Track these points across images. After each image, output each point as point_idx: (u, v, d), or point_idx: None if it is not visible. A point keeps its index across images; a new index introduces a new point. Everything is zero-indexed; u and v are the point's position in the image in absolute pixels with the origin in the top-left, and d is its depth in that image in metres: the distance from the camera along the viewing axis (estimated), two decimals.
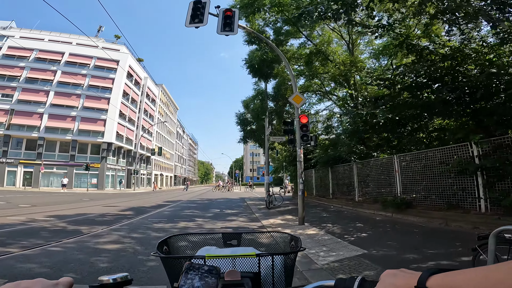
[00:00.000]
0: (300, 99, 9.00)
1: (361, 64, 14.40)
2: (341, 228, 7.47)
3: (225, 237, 1.31)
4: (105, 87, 39.04)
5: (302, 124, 8.58)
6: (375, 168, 10.37)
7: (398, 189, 8.91)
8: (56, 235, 6.37)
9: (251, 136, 17.41)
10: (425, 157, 7.87)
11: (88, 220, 8.79)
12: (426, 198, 7.84)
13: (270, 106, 16.63)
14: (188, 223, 8.70)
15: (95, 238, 6.11)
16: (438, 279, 0.51)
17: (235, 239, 1.30)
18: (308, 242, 5.97)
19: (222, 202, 17.70)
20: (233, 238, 1.31)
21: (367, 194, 10.88)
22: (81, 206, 13.51)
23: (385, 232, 6.84)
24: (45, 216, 9.29)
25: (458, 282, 0.49)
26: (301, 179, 8.41)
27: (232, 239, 1.30)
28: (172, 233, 5.94)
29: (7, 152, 33.48)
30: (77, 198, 19.09)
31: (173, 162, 73.21)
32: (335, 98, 17.98)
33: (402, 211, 8.35)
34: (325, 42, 15.68)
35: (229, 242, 1.29)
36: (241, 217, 10.77)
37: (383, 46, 15.28)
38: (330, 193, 14.29)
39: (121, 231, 7.04)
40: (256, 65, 13.13)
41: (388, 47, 15.01)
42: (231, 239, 1.30)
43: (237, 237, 1.31)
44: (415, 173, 8.30)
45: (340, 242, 5.94)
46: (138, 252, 5.07)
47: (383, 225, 7.80)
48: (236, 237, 1.31)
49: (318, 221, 8.95)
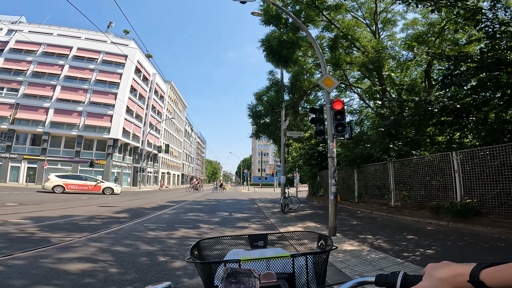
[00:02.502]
0: (331, 82, 7.26)
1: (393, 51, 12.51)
2: (388, 242, 5.70)
3: (251, 239, 1.31)
4: (113, 82, 37.98)
5: (336, 111, 6.83)
6: (421, 168, 8.47)
7: (457, 192, 7.01)
8: (13, 245, 4.78)
9: (264, 130, 15.64)
10: (504, 152, 5.96)
11: (69, 225, 7.19)
12: (503, 204, 5.95)
13: (285, 99, 14.93)
14: (189, 231, 7.01)
15: (60, 252, 4.47)
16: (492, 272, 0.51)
17: (261, 240, 1.30)
18: (353, 263, 4.24)
19: (231, 204, 16.02)
20: (259, 240, 1.30)
21: (408, 198, 8.99)
22: (73, 206, 12.02)
23: (459, 248, 5.04)
24: (21, 218, 7.75)
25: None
26: (334, 179, 6.64)
27: (259, 241, 1.30)
28: (168, 245, 4.21)
29: (11, 147, 32.64)
30: (75, 196, 17.70)
31: (181, 160, 72.09)
32: (360, 90, 16.10)
33: (465, 219, 6.49)
34: (351, 26, 13.84)
35: (256, 243, 1.30)
36: (254, 223, 9.05)
37: (417, 35, 13.30)
38: (355, 196, 12.42)
39: (102, 242, 5.39)
40: (275, 46, 11.37)
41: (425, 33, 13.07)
42: (258, 241, 1.30)
43: (263, 238, 1.31)
44: (485, 174, 6.40)
45: (402, 263, 4.23)
46: (111, 280, 3.40)
47: (445, 236, 5.99)
48: (262, 238, 1.31)
49: (350, 230, 7.18)
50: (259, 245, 1.29)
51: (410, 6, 9.57)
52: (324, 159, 15.64)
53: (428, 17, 13.24)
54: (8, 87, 34.13)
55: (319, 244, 1.26)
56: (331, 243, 1.16)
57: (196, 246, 1.16)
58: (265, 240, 1.30)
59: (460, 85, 5.44)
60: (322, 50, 14.44)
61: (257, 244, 1.29)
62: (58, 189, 20.15)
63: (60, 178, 20.79)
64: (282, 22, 12.33)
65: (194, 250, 1.12)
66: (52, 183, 20.30)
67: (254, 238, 1.31)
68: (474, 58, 6.05)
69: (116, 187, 22.73)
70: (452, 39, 12.11)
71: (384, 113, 9.52)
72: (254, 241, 1.30)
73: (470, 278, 0.52)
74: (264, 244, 1.29)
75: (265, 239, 1.31)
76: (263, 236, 1.31)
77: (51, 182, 20.29)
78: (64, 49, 37.24)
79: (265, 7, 12.41)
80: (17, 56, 34.98)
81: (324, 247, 1.20)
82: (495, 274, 0.50)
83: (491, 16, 6.55)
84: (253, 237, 1.31)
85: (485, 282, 0.51)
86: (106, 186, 22.14)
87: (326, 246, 1.18)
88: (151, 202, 15.53)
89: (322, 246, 1.23)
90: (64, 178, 21.15)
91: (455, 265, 0.57)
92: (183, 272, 3.75)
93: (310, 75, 16.13)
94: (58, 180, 20.55)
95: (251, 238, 1.31)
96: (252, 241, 1.30)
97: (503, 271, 0.50)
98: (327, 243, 1.18)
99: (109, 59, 38.44)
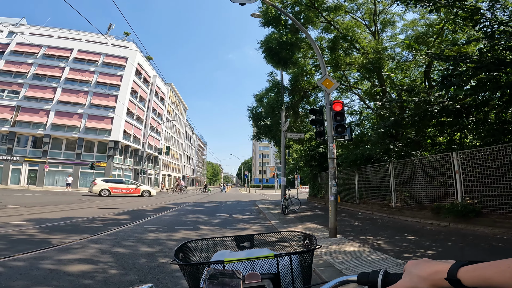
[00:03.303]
0: (331, 83, 7.26)
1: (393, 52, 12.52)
2: (389, 243, 5.68)
3: (238, 240, 1.31)
4: (113, 84, 38.03)
5: (336, 112, 6.83)
6: (421, 169, 8.46)
7: (458, 193, 7.00)
8: (13, 246, 4.79)
9: (265, 132, 15.63)
10: (505, 152, 5.94)
11: (70, 227, 7.19)
12: (504, 204, 5.93)
13: (285, 101, 14.92)
14: (189, 233, 7.01)
15: (60, 254, 4.47)
16: (470, 270, 0.51)
17: (248, 241, 1.31)
18: (354, 264, 4.23)
19: (232, 206, 16.00)
20: (246, 241, 1.31)
21: (409, 199, 8.97)
22: (74, 208, 12.03)
23: (461, 249, 5.03)
24: (21, 220, 7.76)
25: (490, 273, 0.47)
26: (334, 180, 6.64)
27: (245, 241, 1.31)
28: (168, 246, 4.21)
29: (12, 150, 32.69)
30: (76, 198, 17.72)
31: (182, 162, 72.08)
32: (360, 91, 16.10)
33: (466, 220, 6.47)
34: (350, 27, 13.85)
35: (242, 244, 1.30)
36: (254, 224, 9.04)
37: (416, 35, 13.32)
38: (356, 197, 12.40)
39: (102, 243, 5.39)
40: (274, 48, 11.38)
41: (424, 34, 13.07)
42: (244, 242, 1.31)
43: (250, 239, 1.32)
44: (485, 174, 6.38)
45: (403, 263, 4.18)
46: (110, 281, 3.40)
47: (446, 237, 5.97)
48: (248, 239, 1.31)
49: (351, 231, 7.16)
50: (246, 246, 1.30)
51: (409, 7, 9.57)
52: (325, 160, 15.62)
53: (427, 18, 13.27)
54: (9, 89, 34.21)
55: (304, 243, 1.26)
56: (315, 242, 1.16)
57: (181, 249, 1.16)
58: (252, 241, 1.31)
59: (460, 86, 5.43)
60: (321, 51, 14.45)
61: (243, 245, 1.30)
62: (105, 193, 21.33)
63: (106, 182, 22.06)
64: (282, 23, 12.36)
65: (179, 252, 1.12)
66: (99, 187, 21.33)
67: (241, 239, 1.32)
68: (474, 59, 6.05)
69: (152, 190, 24.21)
70: (451, 39, 12.12)
71: (384, 114, 9.51)
72: (240, 242, 1.31)
73: (448, 276, 0.52)
74: (250, 245, 1.30)
75: (252, 240, 1.31)
76: (250, 237, 1.32)
77: (98, 186, 21.31)
78: (64, 51, 37.32)
79: (264, 9, 12.44)
80: (18, 58, 35.08)
81: (309, 246, 1.21)
82: (472, 273, 0.50)
83: (489, 16, 6.55)
84: (240, 238, 1.32)
85: (462, 280, 0.51)
86: (144, 189, 23.61)
87: (311, 246, 1.18)
88: (152, 204, 15.52)
89: (307, 245, 1.23)
90: (109, 182, 22.46)
91: (434, 262, 0.57)
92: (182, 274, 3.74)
93: (310, 76, 16.13)
94: (104, 184, 21.87)
95: (238, 239, 1.31)
96: (238, 242, 1.31)
97: (481, 270, 0.49)
98: (312, 242, 1.19)
99: (110, 61, 38.50)
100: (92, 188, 21.52)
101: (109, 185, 21.86)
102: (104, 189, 21.41)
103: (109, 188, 21.64)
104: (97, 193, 21.08)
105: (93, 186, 21.50)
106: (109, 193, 21.46)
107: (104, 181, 22.22)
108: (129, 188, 22.92)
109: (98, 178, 23.00)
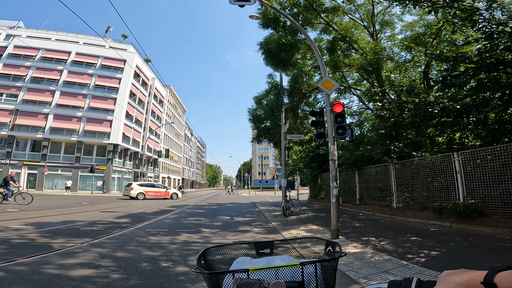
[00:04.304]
0: (331, 85, 7.26)
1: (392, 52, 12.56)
2: (391, 244, 5.67)
3: (257, 246, 1.29)
4: (112, 87, 38.00)
5: (337, 114, 6.85)
6: (422, 169, 8.46)
7: (459, 193, 7.00)
8: (14, 251, 4.75)
9: (265, 134, 15.62)
10: (506, 152, 5.95)
11: (71, 230, 7.15)
12: (506, 204, 5.93)
13: (285, 102, 14.93)
14: (191, 236, 6.98)
15: (62, 258, 4.44)
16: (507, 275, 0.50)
17: (267, 247, 1.29)
18: (357, 266, 4.21)
19: (232, 208, 15.97)
20: (265, 247, 1.29)
21: (410, 199, 8.97)
22: (75, 212, 11.97)
23: (464, 249, 5.03)
24: (22, 224, 7.72)
25: None
26: (336, 182, 6.63)
27: (265, 248, 1.29)
28: (170, 250, 4.19)
29: (11, 153, 32.57)
30: (76, 202, 17.64)
31: (181, 165, 71.96)
32: (359, 92, 16.12)
33: (469, 220, 6.47)
34: (349, 28, 13.89)
35: (262, 251, 1.28)
36: (256, 226, 9.01)
37: (415, 36, 13.36)
38: (356, 198, 12.39)
39: (104, 247, 5.36)
40: (273, 49, 11.39)
41: (422, 35, 13.12)
42: (264, 248, 1.29)
43: (270, 245, 1.30)
44: (487, 174, 6.39)
45: (406, 265, 4.19)
46: (114, 285, 3.37)
47: (449, 237, 5.97)
48: (268, 246, 1.30)
49: (353, 233, 7.16)
50: (265, 252, 1.28)
51: (407, 7, 9.60)
52: (325, 161, 15.61)
53: (425, 19, 13.32)
54: (7, 93, 34.13)
55: (326, 251, 1.24)
56: (339, 249, 1.14)
57: (203, 255, 1.16)
58: (272, 248, 1.29)
59: (460, 86, 5.44)
60: (320, 53, 14.47)
61: (263, 251, 1.28)
62: (141, 196, 23.09)
63: (140, 186, 23.86)
64: (281, 25, 12.38)
65: (200, 259, 1.11)
66: (136, 191, 23.20)
67: (260, 245, 1.30)
68: (473, 59, 6.08)
69: (179, 193, 26.40)
70: (450, 40, 12.17)
71: (384, 115, 9.52)
72: (260, 248, 1.29)
73: (484, 280, 0.52)
74: (270, 251, 1.28)
75: (272, 246, 1.30)
76: (270, 243, 1.31)
77: (135, 190, 23.17)
78: (62, 54, 37.27)
79: (263, 10, 12.45)
80: (16, 61, 34.97)
81: (332, 253, 1.20)
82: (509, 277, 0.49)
83: (488, 16, 6.58)
84: (260, 244, 1.30)
85: (498, 285, 0.50)
86: (173, 192, 25.70)
87: (335, 253, 1.17)
88: (152, 207, 15.47)
89: (330, 252, 1.22)
90: (143, 186, 24.20)
91: (472, 270, 0.57)
92: (186, 278, 3.72)
93: (309, 78, 16.14)
94: (140, 188, 23.62)
95: (257, 245, 1.30)
96: (258, 248, 1.29)
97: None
98: (335, 250, 1.17)
99: (108, 64, 38.48)
100: (130, 192, 23.05)
101: (144, 189, 23.60)
102: (140, 192, 23.14)
103: (144, 192, 23.35)
104: (134, 196, 22.73)
105: (131, 190, 23.17)
106: (144, 196, 23.11)
107: (139, 185, 24.00)
108: (161, 191, 24.82)
109: (134, 183, 25.00)
